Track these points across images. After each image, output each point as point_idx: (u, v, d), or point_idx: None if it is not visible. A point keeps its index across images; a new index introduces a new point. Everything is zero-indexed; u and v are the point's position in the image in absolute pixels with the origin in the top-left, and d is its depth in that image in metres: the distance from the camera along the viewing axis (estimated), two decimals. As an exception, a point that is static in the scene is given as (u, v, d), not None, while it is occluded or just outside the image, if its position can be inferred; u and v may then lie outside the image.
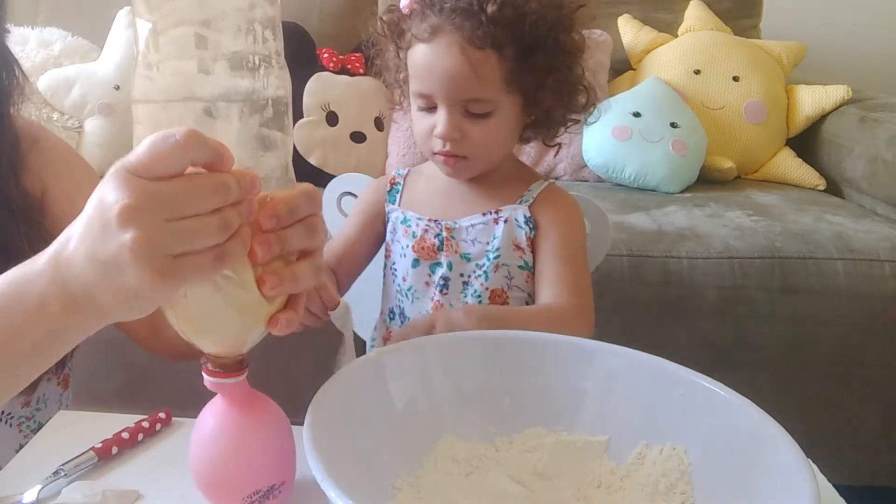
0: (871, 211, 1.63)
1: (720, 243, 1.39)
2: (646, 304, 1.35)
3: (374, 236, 0.93)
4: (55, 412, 0.86)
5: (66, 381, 0.89)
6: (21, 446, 0.82)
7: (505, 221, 0.86)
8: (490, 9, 0.77)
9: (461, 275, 0.87)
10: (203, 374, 0.53)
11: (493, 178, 0.88)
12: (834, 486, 0.64)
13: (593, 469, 0.62)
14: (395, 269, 0.91)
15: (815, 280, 1.36)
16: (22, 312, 0.45)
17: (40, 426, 0.83)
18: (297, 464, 0.58)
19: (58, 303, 0.44)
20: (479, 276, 0.86)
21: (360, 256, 0.93)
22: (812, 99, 1.84)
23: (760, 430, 0.55)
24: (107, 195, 0.41)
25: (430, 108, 0.83)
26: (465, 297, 0.86)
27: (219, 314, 0.48)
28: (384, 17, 0.86)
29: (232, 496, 0.57)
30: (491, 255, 0.86)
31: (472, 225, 0.87)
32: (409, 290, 0.89)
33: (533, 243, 0.86)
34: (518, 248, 0.86)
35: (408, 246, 0.88)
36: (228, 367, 0.53)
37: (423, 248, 0.87)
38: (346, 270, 0.91)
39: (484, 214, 0.86)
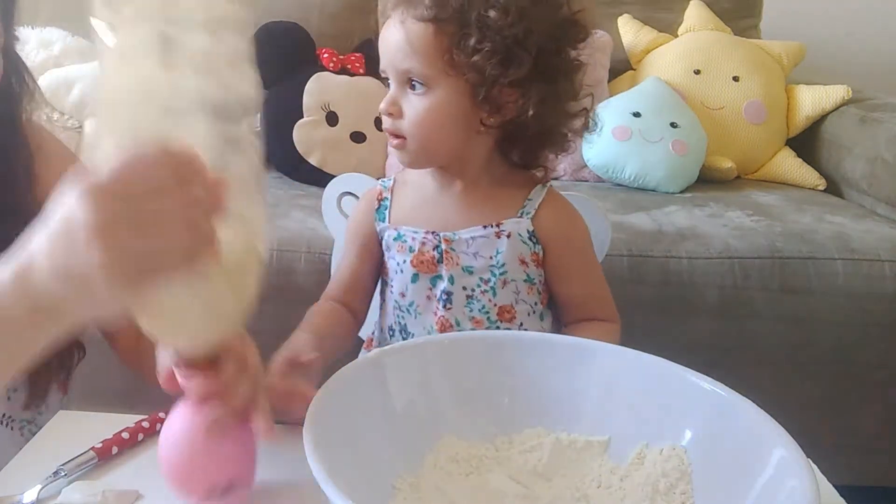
0: (871, 211, 1.62)
1: (720, 243, 1.39)
2: (646, 304, 1.35)
3: (374, 257, 0.90)
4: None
5: (66, 386, 0.89)
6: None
7: (508, 236, 0.84)
8: None
9: (464, 288, 0.85)
10: (175, 373, 0.54)
11: (483, 183, 0.86)
12: (834, 486, 0.65)
13: (593, 469, 0.62)
14: (392, 286, 0.89)
15: (815, 280, 1.36)
16: None
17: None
18: (295, 465, 0.58)
19: (25, 312, 0.44)
20: (486, 291, 0.85)
21: (368, 280, 0.91)
22: (812, 99, 1.83)
23: (760, 430, 0.55)
24: (74, 212, 0.41)
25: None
26: (472, 311, 0.85)
27: (185, 314, 0.48)
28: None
29: (195, 487, 0.59)
30: (497, 272, 0.84)
31: (473, 238, 0.84)
32: (409, 305, 0.87)
33: (540, 260, 0.86)
34: (523, 262, 0.85)
35: (405, 262, 0.86)
36: (199, 363, 0.53)
37: (422, 262, 0.85)
38: (360, 299, 0.91)
39: (485, 227, 0.84)
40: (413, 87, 0.80)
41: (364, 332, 1.04)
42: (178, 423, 0.59)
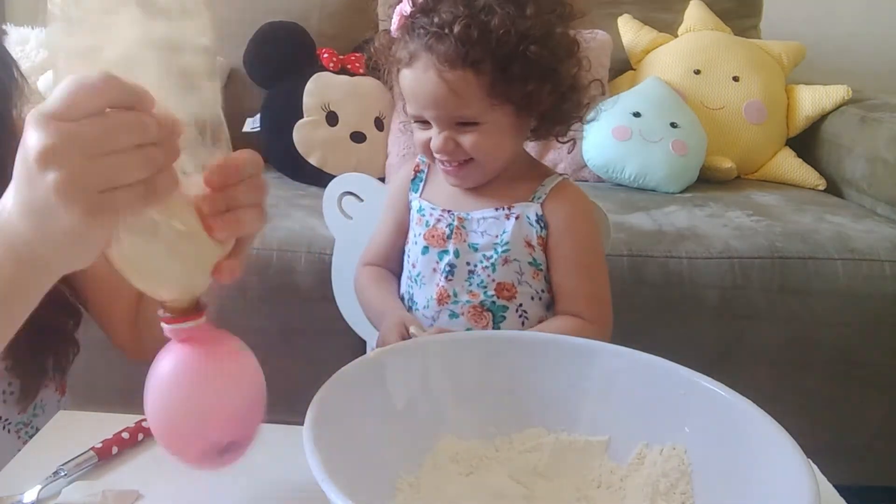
0: (871, 211, 1.63)
1: (720, 243, 1.39)
2: (646, 304, 1.35)
3: (407, 225, 0.96)
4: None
5: (64, 388, 0.89)
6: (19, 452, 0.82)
7: (516, 218, 0.88)
8: (456, 29, 0.79)
9: (467, 263, 0.89)
10: (161, 322, 0.52)
11: (507, 175, 0.90)
12: (834, 486, 0.65)
13: (593, 469, 0.62)
14: (409, 256, 0.94)
15: (815, 280, 1.36)
16: None
17: (38, 432, 0.83)
18: (295, 465, 0.57)
19: (8, 263, 0.45)
20: (487, 267, 0.88)
21: (402, 247, 0.96)
22: (812, 99, 1.83)
23: (760, 430, 0.55)
24: (26, 141, 0.41)
25: (425, 123, 0.86)
26: (471, 285, 0.89)
27: (161, 258, 0.48)
28: (376, 44, 0.90)
29: (189, 446, 0.54)
30: (499, 249, 0.88)
31: (484, 218, 0.89)
32: (417, 275, 0.92)
33: (546, 244, 0.88)
34: (529, 244, 0.88)
35: (420, 234, 0.91)
36: (184, 311, 0.52)
37: (433, 237, 0.90)
38: (397, 262, 0.97)
39: (496, 209, 0.89)
40: (463, 125, 0.84)
41: (366, 333, 1.04)
42: (170, 367, 0.53)
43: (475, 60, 0.80)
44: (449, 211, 0.90)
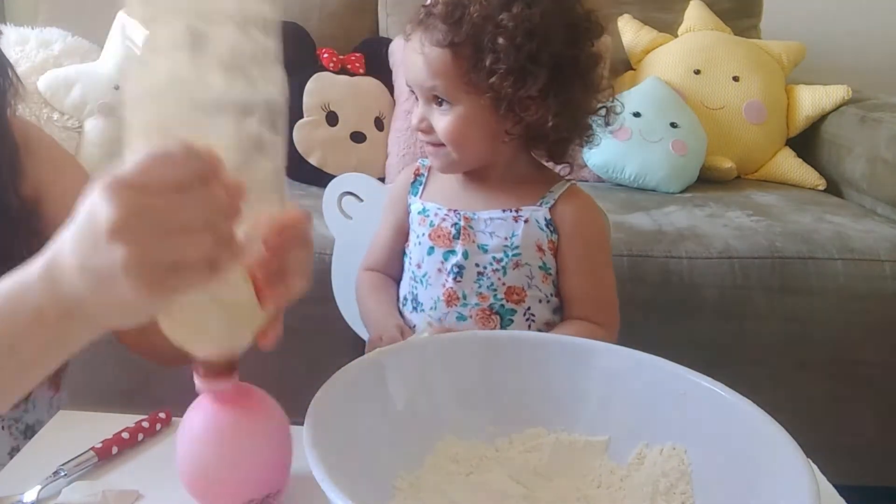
0: (871, 211, 1.63)
1: (720, 243, 1.39)
2: (646, 304, 1.35)
3: (407, 228, 0.96)
4: (44, 414, 0.86)
5: (58, 385, 0.89)
6: (12, 448, 0.81)
7: (525, 221, 0.88)
8: (437, 10, 0.82)
9: (476, 265, 0.89)
10: (194, 377, 0.53)
11: (512, 177, 0.91)
12: (834, 486, 0.65)
13: (593, 469, 0.62)
14: (411, 257, 0.93)
15: (815, 280, 1.36)
16: (20, 322, 0.44)
17: (28, 427, 0.83)
18: (297, 464, 0.58)
19: (53, 312, 0.44)
20: (497, 270, 0.88)
21: (401, 250, 0.96)
22: (812, 99, 1.83)
23: (760, 430, 0.55)
24: (98, 208, 0.40)
25: (417, 101, 0.88)
26: (480, 287, 0.88)
27: (210, 321, 0.48)
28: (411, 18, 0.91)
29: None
30: (510, 252, 0.88)
31: (491, 218, 0.89)
32: (423, 276, 0.92)
33: (556, 249, 0.88)
34: (539, 248, 0.88)
35: (424, 234, 0.91)
36: (219, 369, 0.53)
37: (439, 237, 0.90)
38: (396, 266, 0.97)
39: (504, 211, 0.89)
40: (439, 104, 0.85)
41: (366, 333, 1.04)
42: (200, 426, 0.55)
43: (454, 42, 0.81)
44: (455, 210, 0.90)
